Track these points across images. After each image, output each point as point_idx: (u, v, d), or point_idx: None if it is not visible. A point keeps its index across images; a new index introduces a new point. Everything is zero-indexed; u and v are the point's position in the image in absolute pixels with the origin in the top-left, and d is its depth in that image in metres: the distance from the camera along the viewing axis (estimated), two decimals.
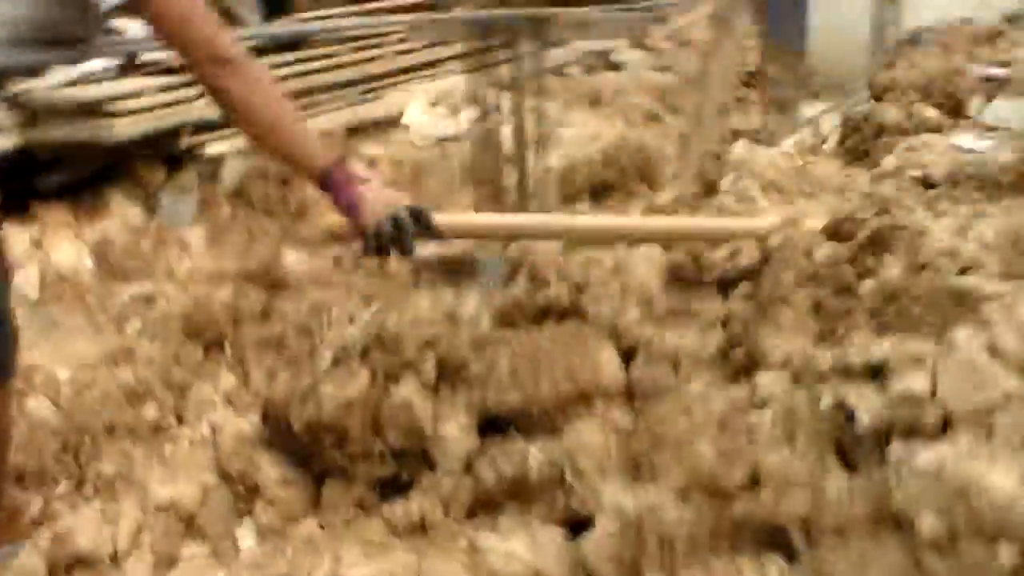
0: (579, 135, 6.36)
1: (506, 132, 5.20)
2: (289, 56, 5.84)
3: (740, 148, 5.61)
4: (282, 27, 6.08)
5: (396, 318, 2.46)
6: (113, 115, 4.80)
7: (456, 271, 5.47)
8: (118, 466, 3.59)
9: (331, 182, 2.29)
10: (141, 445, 3.81)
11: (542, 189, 5.28)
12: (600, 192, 6.05)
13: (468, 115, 5.44)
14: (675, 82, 7.63)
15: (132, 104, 4.87)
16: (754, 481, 1.82)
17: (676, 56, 7.96)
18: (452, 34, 5.80)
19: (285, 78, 5.83)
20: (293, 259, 5.25)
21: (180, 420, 3.99)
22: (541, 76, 5.16)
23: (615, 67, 7.73)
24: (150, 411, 3.98)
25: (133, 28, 5.43)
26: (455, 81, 6.53)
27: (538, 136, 5.20)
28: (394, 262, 5.20)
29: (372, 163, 5.88)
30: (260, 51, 5.69)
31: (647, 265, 2.55)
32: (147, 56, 5.21)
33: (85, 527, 2.40)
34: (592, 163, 5.96)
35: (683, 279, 2.52)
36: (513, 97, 5.11)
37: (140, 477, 3.66)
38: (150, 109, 5.03)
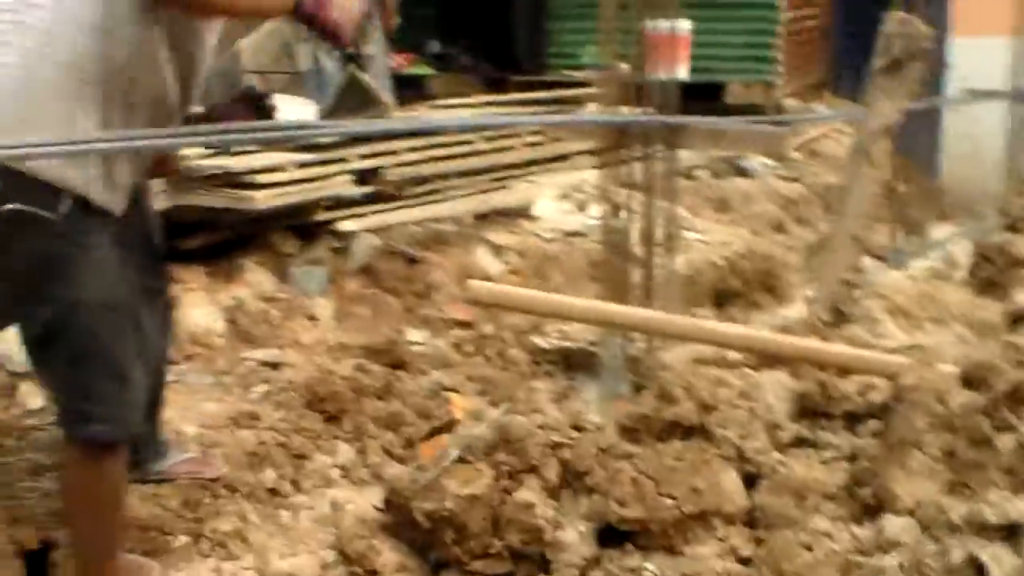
0: (705, 240, 6.40)
1: (634, 231, 5.25)
2: (423, 141, 5.98)
3: (868, 268, 5.60)
4: (413, 120, 6.23)
5: (523, 420, 2.51)
6: (254, 186, 4.98)
7: (575, 364, 5.53)
8: (234, 525, 3.69)
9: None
10: (258, 508, 3.91)
11: (666, 291, 5.30)
12: (723, 299, 6.06)
13: (596, 211, 5.50)
14: (804, 193, 7.64)
15: (273, 177, 5.05)
16: None
17: (806, 167, 7.98)
18: (586, 133, 5.90)
19: (419, 162, 5.98)
20: (415, 338, 5.35)
21: (296, 487, 4.08)
22: (671, 178, 5.21)
23: (744, 173, 7.77)
24: (269, 476, 4.07)
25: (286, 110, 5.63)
26: (584, 175, 6.63)
27: (666, 238, 5.24)
28: (513, 350, 5.28)
29: (498, 251, 5.97)
30: (394, 136, 5.86)
31: (776, 390, 2.57)
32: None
33: None
34: (717, 269, 5.98)
35: (811, 408, 2.53)
36: (643, 197, 5.17)
37: (255, 540, 3.76)
38: (289, 183, 5.20)
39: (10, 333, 4.24)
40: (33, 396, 4.06)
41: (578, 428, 2.54)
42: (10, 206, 2.43)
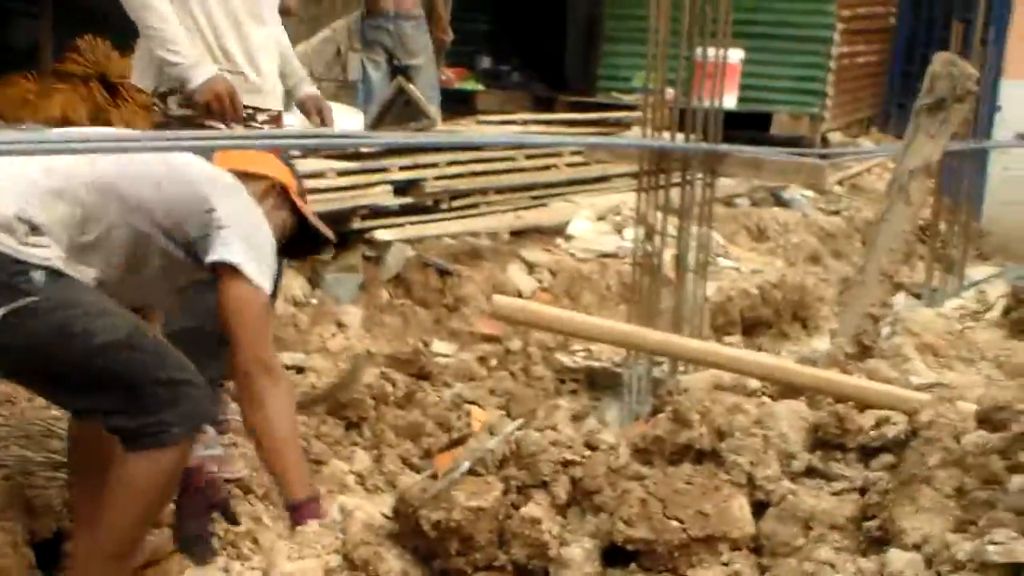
0: (739, 268, 6.38)
1: (668, 255, 5.25)
2: (464, 156, 6.01)
3: (900, 303, 5.55)
4: (455, 135, 6.26)
5: (536, 436, 2.51)
6: None
7: (599, 383, 5.52)
8: (247, 526, 3.71)
9: (295, 516, 2.71)
10: (271, 510, 3.93)
11: (697, 317, 5.28)
12: (753, 327, 6.04)
13: (632, 234, 5.50)
14: (843, 227, 7.61)
15: (313, 183, 5.09)
16: None
17: (847, 201, 7.95)
18: (627, 156, 5.89)
19: (459, 176, 6.01)
20: (442, 350, 5.36)
21: None
22: (709, 204, 5.20)
23: (784, 203, 7.75)
24: None
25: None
26: (623, 198, 6.64)
27: (699, 264, 5.23)
28: (539, 367, 5.28)
29: (532, 268, 5.99)
30: (437, 149, 5.88)
31: (791, 420, 2.56)
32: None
33: None
34: (749, 297, 5.96)
35: (826, 440, 2.51)
36: (680, 222, 5.16)
37: (264, 541, 3.77)
38: (328, 190, 5.24)
39: None
40: None
41: (591, 447, 2.54)
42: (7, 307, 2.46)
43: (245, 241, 2.71)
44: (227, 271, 2.68)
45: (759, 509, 2.40)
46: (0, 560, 3.18)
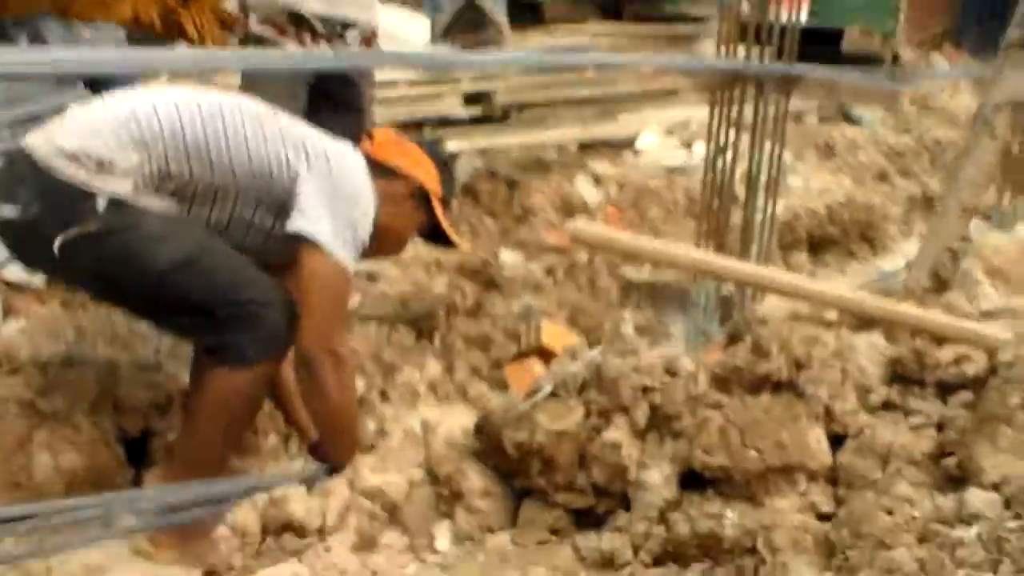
0: (807, 186, 6.34)
1: (737, 172, 5.23)
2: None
3: (971, 227, 5.50)
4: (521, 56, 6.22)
5: (618, 361, 2.56)
6: None
7: (664, 297, 5.55)
8: None
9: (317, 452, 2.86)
10: None
11: (764, 234, 5.29)
12: (819, 246, 6.03)
13: (701, 149, 5.49)
14: (912, 145, 7.51)
15: (383, 93, 5.10)
16: None
17: (917, 119, 7.84)
18: (699, 76, 5.85)
19: (528, 88, 5.99)
20: (509, 259, 5.41)
21: (384, 397, 4.20)
22: (782, 123, 5.17)
23: (853, 120, 7.66)
24: (359, 384, 4.19)
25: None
26: (692, 112, 6.59)
27: (768, 181, 5.22)
28: (604, 280, 5.32)
29: (599, 181, 5.99)
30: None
31: (869, 353, 2.59)
32: None
33: (298, 497, 2.56)
34: (816, 216, 5.94)
35: (904, 374, 2.54)
36: (751, 139, 5.13)
37: None
38: (398, 99, 5.25)
39: None
40: None
41: (671, 373, 2.58)
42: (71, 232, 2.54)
43: (330, 213, 2.63)
44: (306, 243, 2.61)
45: (836, 441, 2.45)
46: (93, 457, 3.31)
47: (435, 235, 3.14)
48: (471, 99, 5.76)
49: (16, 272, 4.00)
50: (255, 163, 2.64)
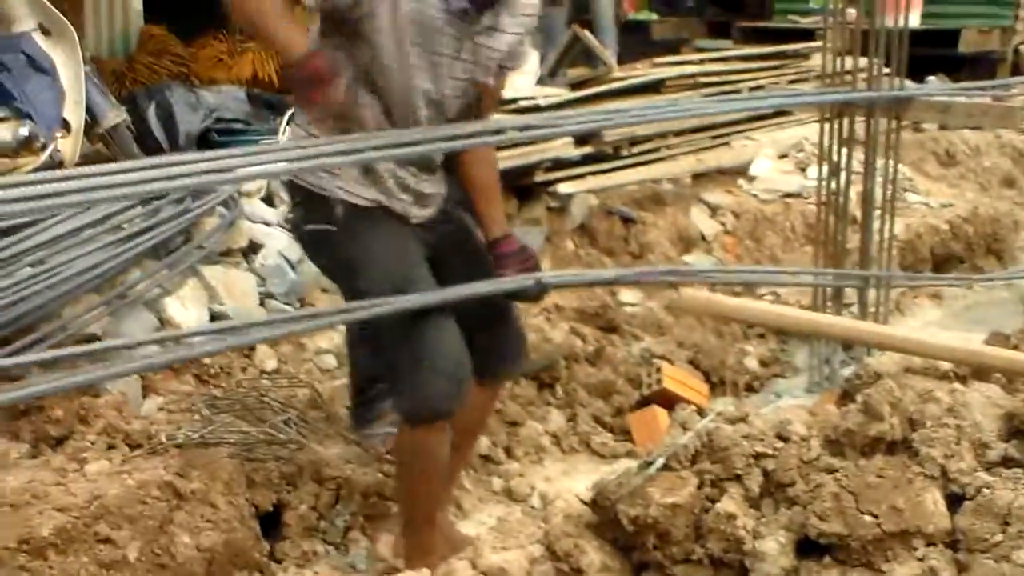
0: (928, 200, 6.24)
1: (853, 193, 5.18)
2: (642, 101, 6.00)
3: None
4: (639, 75, 6.24)
5: (728, 429, 2.57)
6: None
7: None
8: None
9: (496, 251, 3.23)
10: (471, 474, 4.11)
11: (885, 256, 5.22)
12: (944, 263, 5.93)
13: (816, 172, 5.44)
14: None
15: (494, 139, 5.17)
16: None
17: None
18: (806, 109, 5.80)
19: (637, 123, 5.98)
20: (628, 299, 5.44)
21: (509, 454, 4.27)
22: (896, 137, 5.10)
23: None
24: (483, 443, 4.27)
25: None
26: (804, 132, 6.53)
27: (886, 200, 5.15)
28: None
29: (714, 211, 5.98)
30: (615, 93, 5.91)
31: (984, 407, 2.55)
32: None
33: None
34: (939, 233, 5.84)
35: (1022, 429, 2.50)
36: (865, 156, 5.08)
37: (467, 504, 3.96)
38: (511, 145, 5.32)
39: (252, 299, 4.55)
40: (270, 358, 4.36)
41: (782, 438, 2.58)
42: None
43: None
44: None
45: (954, 502, 2.42)
46: (231, 533, 3.45)
47: None
48: (581, 139, 5.80)
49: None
50: None
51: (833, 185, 5.09)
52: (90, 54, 5.74)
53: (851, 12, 4.99)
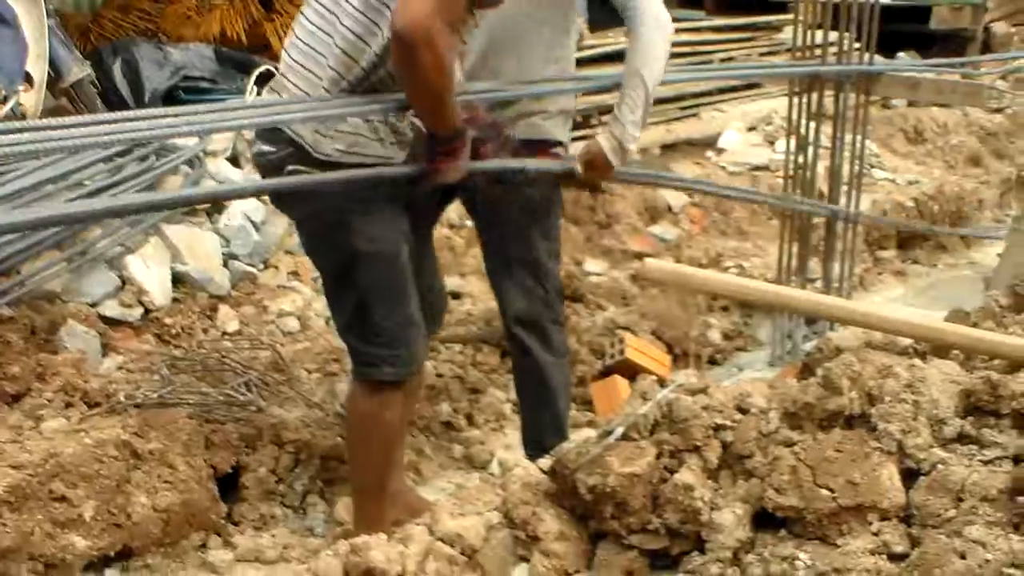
0: (894, 177, 6.26)
1: (821, 167, 5.19)
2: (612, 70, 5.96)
3: None
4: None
5: (688, 401, 2.58)
6: None
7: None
8: (409, 458, 3.89)
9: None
10: (432, 440, 4.11)
11: (850, 231, 5.24)
12: (908, 241, 5.95)
13: (784, 146, 5.45)
14: (1006, 124, 7.36)
15: None
16: None
17: (1010, 97, 7.66)
18: (776, 82, 5.78)
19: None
20: (594, 268, 5.44)
21: (470, 421, 4.27)
22: (864, 113, 5.11)
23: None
24: (444, 409, 4.26)
25: None
26: (774, 105, 6.53)
27: (853, 176, 5.17)
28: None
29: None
30: (587, 61, 5.87)
31: (942, 384, 2.56)
32: None
33: (379, 544, 2.63)
34: (904, 211, 5.86)
35: (979, 405, 2.51)
36: (833, 131, 5.08)
37: (427, 471, 3.95)
38: None
39: (215, 259, 4.52)
40: (231, 319, 4.33)
41: (742, 411, 2.60)
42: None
43: None
44: None
45: (909, 477, 2.44)
46: (188, 495, 3.44)
47: None
48: None
49: (113, 307, 4.15)
50: None
51: (800, 159, 5.10)
52: (54, 7, 5.66)
53: None
